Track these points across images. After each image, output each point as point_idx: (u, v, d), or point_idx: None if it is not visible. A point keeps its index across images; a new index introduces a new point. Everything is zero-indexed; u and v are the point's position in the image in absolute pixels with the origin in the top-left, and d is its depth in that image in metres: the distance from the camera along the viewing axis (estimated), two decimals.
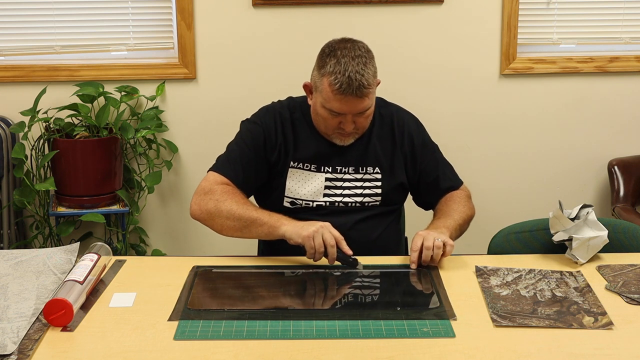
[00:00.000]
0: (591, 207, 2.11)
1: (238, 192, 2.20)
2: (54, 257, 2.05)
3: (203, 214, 2.16)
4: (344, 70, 2.07)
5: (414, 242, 2.03)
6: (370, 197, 2.27)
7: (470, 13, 3.35)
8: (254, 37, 3.32)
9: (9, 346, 1.60)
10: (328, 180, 2.24)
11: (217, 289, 1.96)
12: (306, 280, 2.01)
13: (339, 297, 1.93)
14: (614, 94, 3.48)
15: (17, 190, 3.18)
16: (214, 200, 2.15)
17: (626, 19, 3.46)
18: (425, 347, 1.62)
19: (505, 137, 3.49)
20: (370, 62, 2.12)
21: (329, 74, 2.09)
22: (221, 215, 2.13)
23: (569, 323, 1.72)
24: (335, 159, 2.25)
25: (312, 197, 2.24)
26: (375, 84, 2.17)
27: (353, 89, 2.07)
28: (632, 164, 3.43)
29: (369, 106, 2.14)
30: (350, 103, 2.10)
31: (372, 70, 2.12)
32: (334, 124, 2.17)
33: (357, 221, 2.26)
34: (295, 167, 2.25)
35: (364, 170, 2.26)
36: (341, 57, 2.09)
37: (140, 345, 1.63)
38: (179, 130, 3.38)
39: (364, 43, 2.18)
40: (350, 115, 2.14)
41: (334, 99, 2.10)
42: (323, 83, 2.11)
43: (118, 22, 3.33)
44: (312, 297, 1.94)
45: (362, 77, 2.07)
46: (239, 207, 2.13)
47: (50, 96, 3.22)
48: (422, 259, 2.01)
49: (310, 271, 2.04)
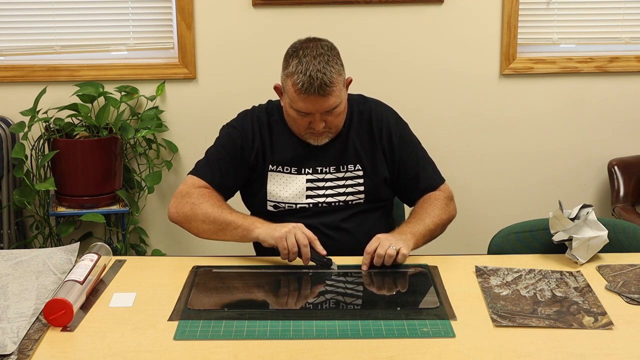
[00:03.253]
0: (591, 207, 2.11)
1: (215, 195, 2.22)
2: (54, 257, 2.05)
3: (180, 217, 2.19)
4: (306, 70, 2.08)
5: (370, 244, 2.05)
6: (353, 195, 2.27)
7: (470, 13, 3.35)
8: (254, 37, 3.32)
9: (9, 346, 1.60)
10: (309, 182, 2.25)
11: (217, 289, 1.95)
12: (306, 280, 2.01)
13: (338, 297, 1.93)
14: (614, 94, 3.47)
15: (17, 190, 3.18)
16: (190, 204, 2.17)
17: (626, 19, 3.46)
18: (425, 347, 1.62)
19: (505, 137, 3.49)
20: (333, 60, 2.12)
21: (291, 74, 2.11)
22: (197, 218, 2.15)
23: (569, 323, 1.72)
24: (315, 160, 2.25)
25: (295, 199, 2.25)
26: (343, 82, 2.16)
27: (315, 87, 2.07)
28: (632, 164, 3.43)
29: (336, 104, 2.14)
30: (314, 102, 2.10)
31: (336, 68, 2.12)
32: (304, 124, 2.18)
33: (342, 220, 2.26)
34: (274, 170, 2.26)
35: (344, 169, 2.26)
36: (303, 57, 2.10)
37: (140, 345, 1.63)
38: (179, 130, 3.38)
39: (329, 41, 2.19)
40: (318, 114, 2.14)
41: (298, 99, 2.11)
42: (288, 84, 2.13)
43: (118, 22, 3.33)
44: (312, 297, 1.94)
45: (323, 75, 2.07)
46: (214, 210, 2.14)
47: (50, 96, 3.22)
48: (374, 262, 2.03)
49: (310, 271, 2.04)
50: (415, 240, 2.12)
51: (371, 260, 2.04)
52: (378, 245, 2.03)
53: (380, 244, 2.03)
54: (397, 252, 2.02)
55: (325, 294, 1.95)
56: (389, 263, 2.02)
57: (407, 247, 2.05)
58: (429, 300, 1.87)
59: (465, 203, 3.42)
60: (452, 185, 2.43)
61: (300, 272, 2.04)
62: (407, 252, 2.04)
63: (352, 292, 1.95)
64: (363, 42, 3.35)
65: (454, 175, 2.86)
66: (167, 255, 3.35)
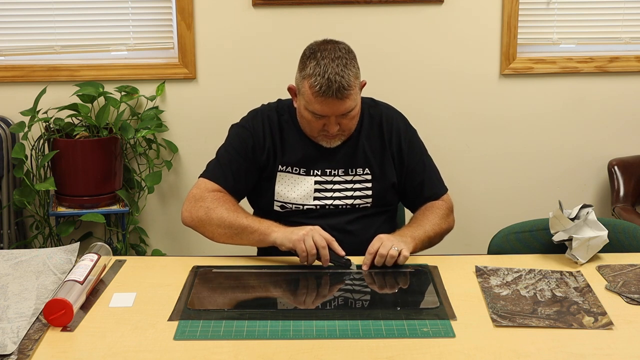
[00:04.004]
0: (591, 207, 2.11)
1: (229, 198, 2.21)
2: (54, 257, 2.05)
3: (194, 222, 2.18)
4: (324, 72, 2.07)
5: (372, 244, 2.05)
6: (361, 198, 2.27)
7: (470, 13, 3.35)
8: (254, 37, 3.32)
9: (9, 346, 1.60)
10: (318, 184, 2.25)
11: (217, 289, 1.95)
12: (306, 280, 2.01)
13: (338, 297, 1.93)
14: (614, 94, 3.47)
15: (17, 190, 3.18)
16: (204, 208, 2.16)
17: (626, 19, 3.46)
18: (425, 347, 1.62)
19: (505, 137, 3.49)
20: (350, 63, 2.12)
21: (309, 76, 2.10)
22: (212, 223, 2.15)
23: (569, 323, 1.72)
24: (324, 162, 2.25)
25: (302, 200, 2.25)
26: (359, 85, 2.16)
27: (333, 90, 2.07)
28: (632, 164, 3.43)
29: (352, 107, 2.13)
30: (331, 105, 2.10)
31: (353, 72, 2.11)
32: (319, 126, 2.17)
33: (348, 222, 2.26)
34: (284, 171, 2.25)
35: (353, 172, 2.26)
36: (321, 59, 2.09)
37: (140, 345, 1.63)
38: (179, 130, 3.38)
39: (346, 44, 2.18)
40: (333, 117, 2.13)
41: (315, 101, 2.10)
42: (304, 86, 2.12)
43: (118, 22, 3.33)
44: (312, 297, 1.94)
45: (342, 79, 2.07)
46: (229, 214, 2.14)
47: (50, 96, 3.22)
48: (375, 262, 2.03)
49: (310, 271, 2.04)
50: (415, 244, 2.12)
51: (372, 260, 2.04)
52: (380, 246, 2.03)
53: (382, 244, 2.03)
54: (399, 253, 2.02)
55: (325, 294, 1.95)
56: (390, 264, 2.02)
57: (408, 248, 2.06)
58: (429, 300, 1.87)
59: (465, 203, 3.42)
60: (452, 185, 2.43)
61: (301, 272, 2.04)
62: (408, 253, 2.04)
63: (352, 292, 1.95)
64: (363, 42, 3.33)
65: (454, 175, 2.86)
66: (167, 255, 3.35)
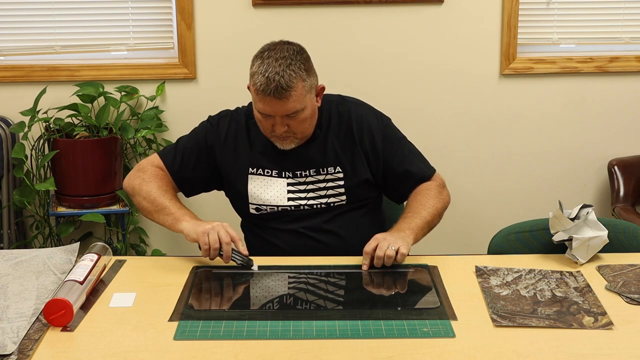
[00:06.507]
0: (591, 207, 2.11)
1: (167, 179, 2.28)
2: (54, 257, 2.05)
3: (128, 188, 2.27)
4: (265, 71, 2.07)
5: (368, 244, 2.04)
6: (334, 197, 2.26)
7: (470, 13, 3.35)
8: (254, 37, 3.30)
9: (9, 346, 1.60)
10: (290, 185, 2.24)
11: (217, 289, 1.96)
12: (307, 280, 2.01)
13: (338, 297, 1.93)
14: (614, 94, 3.47)
15: (17, 190, 3.18)
16: (140, 178, 2.25)
17: (626, 19, 3.46)
18: (425, 347, 1.62)
19: (505, 137, 3.49)
20: (295, 64, 2.09)
21: (253, 74, 2.11)
22: (141, 194, 2.22)
23: (569, 323, 1.72)
24: (294, 163, 2.24)
25: (277, 201, 2.24)
26: (307, 88, 2.13)
27: (271, 89, 2.06)
28: (632, 164, 3.43)
29: (295, 109, 2.11)
30: (272, 104, 2.09)
31: (298, 73, 2.09)
32: (268, 126, 2.17)
33: (325, 222, 2.25)
34: (255, 173, 2.26)
35: (324, 172, 2.25)
36: (266, 58, 2.10)
37: (140, 345, 1.63)
38: (179, 130, 3.37)
39: (299, 45, 2.17)
40: (279, 117, 2.12)
41: (257, 100, 2.12)
42: (250, 84, 2.14)
43: (118, 22, 3.33)
44: (311, 297, 1.94)
45: (281, 78, 2.06)
46: (157, 191, 2.20)
47: (50, 96, 3.22)
48: (373, 263, 2.03)
49: (310, 271, 2.04)
50: (415, 236, 2.10)
51: (371, 260, 2.04)
52: (377, 246, 2.03)
53: (378, 245, 2.02)
54: (397, 252, 2.01)
55: (325, 294, 1.95)
56: (388, 264, 2.02)
57: (406, 245, 2.03)
58: (429, 300, 1.87)
59: (465, 203, 3.43)
60: (452, 185, 2.43)
61: (301, 273, 2.04)
62: (406, 251, 2.02)
63: (353, 293, 1.95)
64: (363, 42, 3.35)
65: (454, 175, 2.86)
66: (167, 255, 3.35)
